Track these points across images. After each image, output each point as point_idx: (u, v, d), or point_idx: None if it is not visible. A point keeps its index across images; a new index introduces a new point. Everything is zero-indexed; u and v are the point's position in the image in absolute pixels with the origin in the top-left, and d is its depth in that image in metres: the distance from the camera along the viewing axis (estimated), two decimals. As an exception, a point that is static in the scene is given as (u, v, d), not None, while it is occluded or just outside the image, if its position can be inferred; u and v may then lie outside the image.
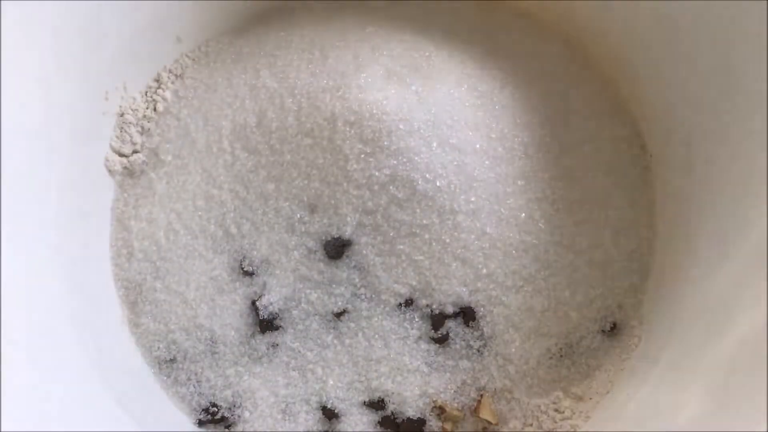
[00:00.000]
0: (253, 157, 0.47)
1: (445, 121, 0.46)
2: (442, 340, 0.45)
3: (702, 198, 0.44)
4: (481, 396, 0.45)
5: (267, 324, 0.45)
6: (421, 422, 0.44)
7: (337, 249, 0.45)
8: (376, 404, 0.45)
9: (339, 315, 0.45)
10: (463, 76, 0.50)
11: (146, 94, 0.51)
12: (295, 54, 0.51)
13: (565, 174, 0.48)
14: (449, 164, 0.45)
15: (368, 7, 0.55)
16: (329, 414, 0.44)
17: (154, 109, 0.51)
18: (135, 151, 0.50)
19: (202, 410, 0.45)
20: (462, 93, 0.48)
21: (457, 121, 0.46)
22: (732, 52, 0.41)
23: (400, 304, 0.45)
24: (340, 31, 0.53)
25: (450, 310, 0.45)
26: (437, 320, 0.45)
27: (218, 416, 0.45)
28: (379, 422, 0.44)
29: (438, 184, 0.44)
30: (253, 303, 0.46)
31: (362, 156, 0.44)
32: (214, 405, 0.45)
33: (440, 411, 0.44)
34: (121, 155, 0.49)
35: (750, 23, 0.39)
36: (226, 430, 0.45)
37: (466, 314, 0.45)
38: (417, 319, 0.45)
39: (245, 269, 0.46)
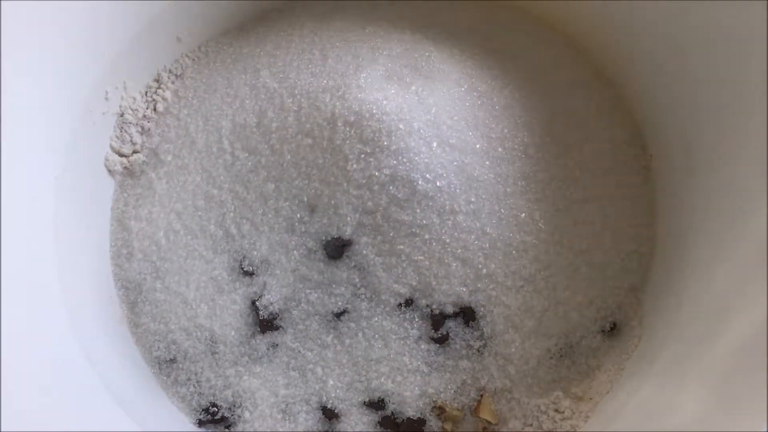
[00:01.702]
0: (253, 157, 0.47)
1: (445, 121, 0.46)
2: (442, 340, 0.45)
3: (702, 198, 0.44)
4: (481, 396, 0.45)
5: (267, 324, 0.45)
6: (421, 422, 0.44)
7: (337, 249, 0.45)
8: (376, 404, 0.45)
9: (339, 315, 0.45)
10: (463, 76, 0.50)
11: (146, 94, 0.51)
12: (295, 54, 0.51)
13: (565, 174, 0.48)
14: (449, 164, 0.45)
15: (368, 7, 0.55)
16: (329, 414, 0.44)
17: (154, 109, 0.51)
18: (135, 151, 0.50)
19: (202, 410, 0.45)
20: (462, 93, 0.48)
21: (457, 121, 0.46)
22: (732, 53, 0.41)
23: (400, 304, 0.45)
24: (340, 31, 0.53)
25: (450, 310, 0.45)
26: (437, 320, 0.45)
27: (218, 416, 0.45)
28: (379, 422, 0.44)
29: (438, 184, 0.44)
30: (253, 303, 0.46)
31: (362, 156, 0.44)
32: (214, 405, 0.45)
33: (440, 411, 0.44)
34: (121, 155, 0.49)
35: (750, 23, 0.39)
36: (226, 430, 0.45)
37: (466, 314, 0.45)
38: (417, 319, 0.45)
39: (245, 269, 0.46)
